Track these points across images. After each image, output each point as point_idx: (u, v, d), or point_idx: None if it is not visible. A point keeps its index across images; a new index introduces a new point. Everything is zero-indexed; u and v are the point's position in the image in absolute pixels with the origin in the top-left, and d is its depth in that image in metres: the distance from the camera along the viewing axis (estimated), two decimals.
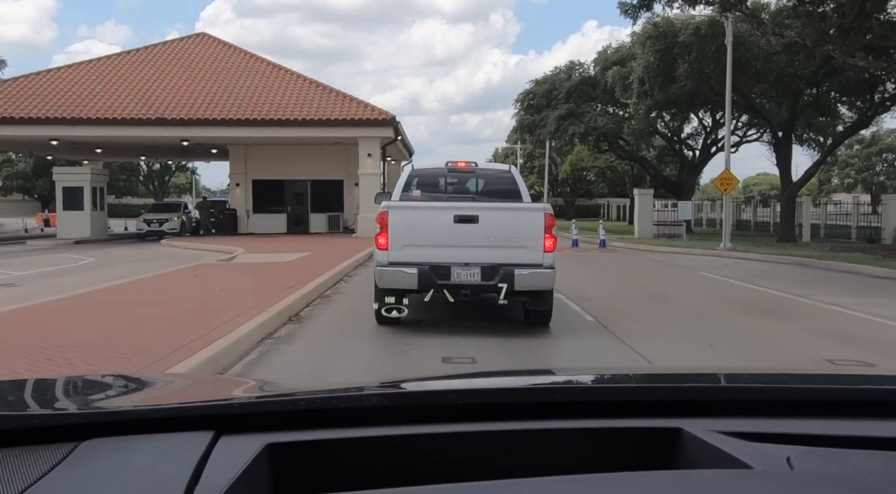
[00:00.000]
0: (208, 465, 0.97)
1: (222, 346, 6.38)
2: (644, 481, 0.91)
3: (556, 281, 8.02)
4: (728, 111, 22.82)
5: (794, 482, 0.92)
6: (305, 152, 31.03)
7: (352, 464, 1.09)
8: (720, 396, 1.31)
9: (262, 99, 28.41)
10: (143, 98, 27.89)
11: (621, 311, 9.97)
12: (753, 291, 12.63)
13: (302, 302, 9.71)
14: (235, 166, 31.74)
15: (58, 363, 5.59)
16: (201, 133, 27.46)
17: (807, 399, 1.28)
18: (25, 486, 0.92)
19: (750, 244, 24.39)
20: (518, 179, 9.15)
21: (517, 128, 46.19)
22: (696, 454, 1.07)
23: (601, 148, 41.48)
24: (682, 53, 24.75)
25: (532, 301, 8.11)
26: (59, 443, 1.04)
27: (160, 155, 36.33)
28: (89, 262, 18.75)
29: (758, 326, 9.03)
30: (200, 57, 31.77)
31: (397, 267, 7.63)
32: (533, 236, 7.66)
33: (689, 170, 40.86)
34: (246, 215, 31.47)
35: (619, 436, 1.14)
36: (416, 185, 9.04)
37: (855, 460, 0.99)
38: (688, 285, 13.68)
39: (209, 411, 1.16)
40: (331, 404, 1.18)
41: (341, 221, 31.35)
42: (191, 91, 28.76)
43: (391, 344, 7.45)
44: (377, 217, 7.85)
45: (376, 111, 27.94)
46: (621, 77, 30.09)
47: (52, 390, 1.54)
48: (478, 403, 1.21)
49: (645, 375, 1.72)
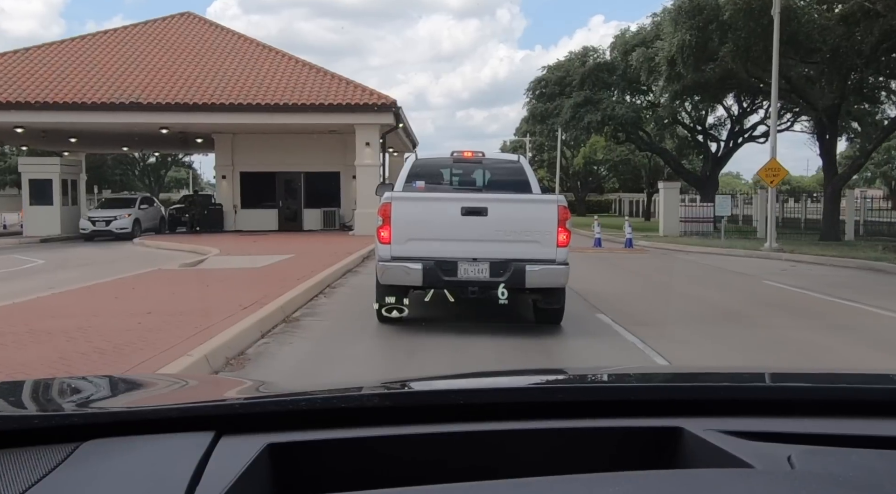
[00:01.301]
0: (209, 465, 0.97)
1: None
2: (645, 480, 0.91)
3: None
4: (774, 91, 19.91)
5: (795, 481, 0.91)
6: (298, 142, 28.28)
7: (353, 465, 1.08)
8: (721, 395, 1.28)
9: (249, 83, 25.66)
10: (117, 81, 25.17)
11: (694, 342, 7.23)
12: (852, 309, 9.83)
13: (254, 333, 6.98)
14: (221, 157, 28.95)
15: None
16: (182, 119, 24.70)
17: (808, 398, 1.27)
18: (26, 487, 0.92)
19: (793, 243, 21.53)
20: (528, 169, 8.75)
21: (528, 117, 43.25)
22: (697, 453, 1.06)
23: (619, 138, 38.49)
24: (723, 30, 21.84)
25: (544, 299, 7.67)
26: (59, 444, 1.03)
27: (143, 146, 33.58)
28: (36, 265, 16.08)
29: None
30: (184, 37, 29.03)
31: (400, 262, 7.19)
32: (546, 230, 7.23)
33: (712, 162, 37.96)
34: (233, 210, 28.69)
35: (620, 435, 1.14)
36: (420, 175, 8.52)
37: (856, 459, 0.98)
38: (758, 299, 10.88)
39: (210, 411, 1.15)
40: (332, 404, 1.17)
41: (338, 217, 28.57)
42: (171, 73, 26.03)
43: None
44: (379, 209, 7.37)
45: (375, 95, 25.16)
46: (646, 59, 27.17)
47: (52, 390, 1.51)
48: (478, 403, 1.20)
49: (645, 374, 1.71)
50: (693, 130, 39.38)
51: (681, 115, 37.77)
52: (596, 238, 22.45)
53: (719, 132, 39.48)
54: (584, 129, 34.94)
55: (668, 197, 28.60)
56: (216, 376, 4.95)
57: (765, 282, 12.98)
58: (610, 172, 65.22)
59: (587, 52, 37.47)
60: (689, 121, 38.95)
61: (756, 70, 25.95)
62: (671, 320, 8.64)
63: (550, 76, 38.55)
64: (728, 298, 10.93)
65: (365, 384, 1.30)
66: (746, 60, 22.55)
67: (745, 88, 29.13)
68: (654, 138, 40.15)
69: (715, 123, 39.71)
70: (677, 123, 38.23)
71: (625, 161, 55.77)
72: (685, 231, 28.14)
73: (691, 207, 28.72)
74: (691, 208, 28.77)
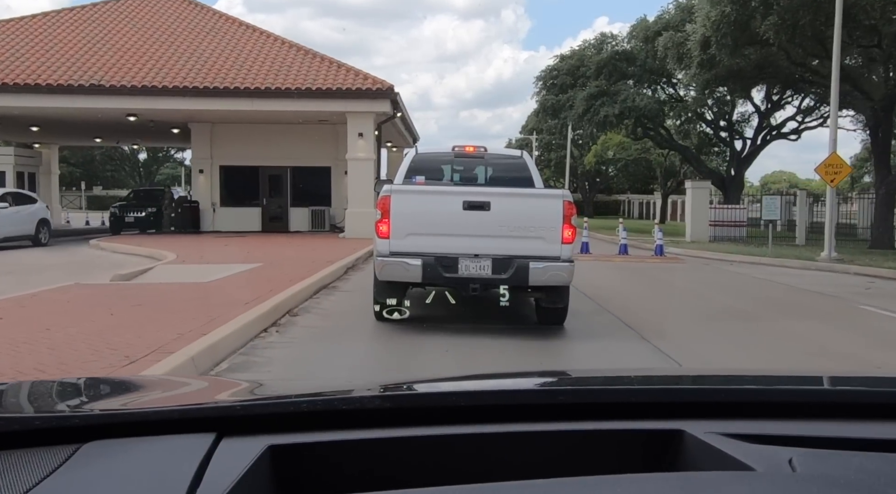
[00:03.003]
0: (210, 467, 0.96)
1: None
2: (645, 483, 0.91)
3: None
4: (835, 69, 16.74)
5: (796, 484, 0.91)
6: (285, 133, 25.33)
7: (354, 466, 1.08)
8: (722, 397, 1.26)
9: (228, 65, 22.71)
10: (77, 62, 22.22)
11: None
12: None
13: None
14: (198, 149, 25.93)
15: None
16: (150, 105, 21.70)
17: (810, 401, 1.25)
18: (27, 488, 0.91)
19: (844, 252, 18.49)
20: (531, 165, 8.69)
21: (539, 110, 40.25)
22: (698, 456, 1.06)
23: (638, 134, 35.43)
24: (767, 3, 18.86)
25: (547, 298, 7.36)
26: (60, 445, 1.02)
27: (118, 136, 30.51)
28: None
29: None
30: (158, 16, 26.08)
31: (399, 258, 6.93)
32: (550, 226, 6.95)
33: (738, 161, 34.98)
34: (211, 209, 25.70)
35: (621, 438, 1.13)
36: (420, 170, 8.40)
37: (858, 462, 0.97)
38: (886, 340, 7.93)
39: (211, 413, 1.15)
40: (333, 405, 1.17)
41: (327, 217, 25.59)
42: (141, 54, 23.09)
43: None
44: (378, 202, 7.13)
45: (370, 80, 22.19)
46: (675, 44, 24.16)
47: (53, 392, 1.48)
48: (480, 405, 1.20)
49: (646, 377, 1.68)
50: (716, 126, 36.41)
51: (704, 110, 34.85)
52: (622, 244, 19.48)
53: (742, 129, 36.56)
54: (599, 123, 31.98)
55: (696, 198, 25.60)
56: (217, 377, 4.79)
57: (862, 308, 10.01)
58: (620, 172, 62.21)
59: (604, 39, 34.46)
60: (710, 117, 36.01)
61: (799, 54, 23.00)
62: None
63: (562, 66, 35.61)
64: (844, 339, 7.85)
65: (366, 386, 1.29)
66: (793, 37, 19.51)
67: (783, 77, 26.12)
68: (674, 135, 37.19)
69: (738, 119, 36.78)
70: (701, 119, 35.23)
71: (636, 161, 52.64)
72: (714, 236, 25.20)
73: (722, 209, 25.72)
74: (722, 210, 25.77)
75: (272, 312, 7.75)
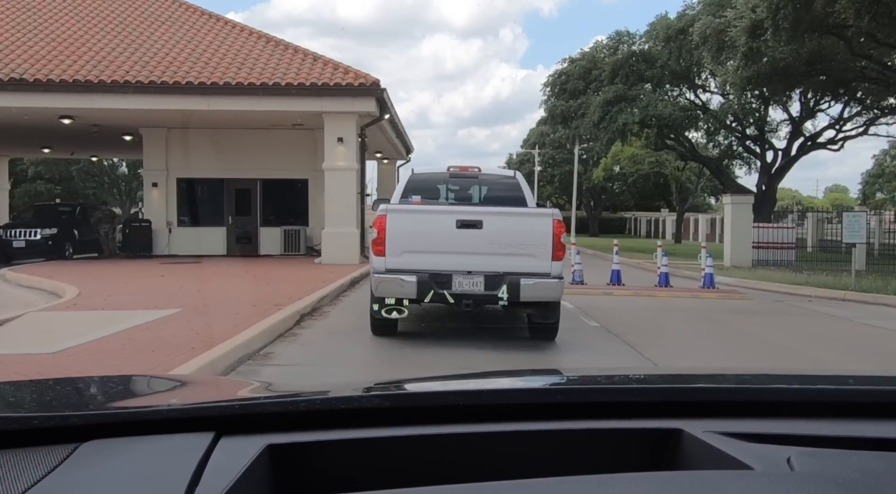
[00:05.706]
0: (209, 466, 0.96)
1: None
2: (644, 482, 0.91)
3: None
4: None
5: (794, 483, 0.90)
6: (254, 140, 21.52)
7: (353, 465, 1.07)
8: (720, 397, 1.24)
9: (182, 58, 18.92)
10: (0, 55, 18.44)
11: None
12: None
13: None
14: (151, 159, 22.01)
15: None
16: (86, 104, 17.81)
17: (807, 400, 1.24)
18: (26, 487, 0.91)
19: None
20: (523, 184, 8.87)
21: (547, 118, 36.47)
22: (697, 455, 1.05)
23: (658, 145, 31.62)
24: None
25: (538, 313, 7.68)
26: (59, 445, 1.02)
27: (67, 146, 26.54)
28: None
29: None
30: (105, 2, 22.34)
31: (395, 275, 7.18)
32: (540, 244, 7.21)
33: (769, 174, 31.19)
34: (167, 228, 21.78)
35: (619, 437, 1.13)
36: (417, 190, 8.52)
37: (856, 461, 0.97)
38: None
39: (209, 412, 1.14)
40: (331, 405, 1.17)
41: (303, 238, 21.68)
42: (78, 46, 19.31)
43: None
44: (374, 222, 7.49)
45: (351, 73, 18.39)
46: (715, 31, 20.41)
47: (52, 391, 1.47)
48: (478, 404, 1.18)
49: (645, 376, 1.67)
50: (743, 135, 32.68)
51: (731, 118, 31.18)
52: (661, 273, 15.58)
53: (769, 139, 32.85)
54: (618, 131, 28.19)
55: (737, 215, 21.75)
56: (216, 377, 4.82)
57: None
58: (627, 188, 58.43)
59: (620, 38, 30.77)
60: (737, 125, 32.31)
61: (861, 45, 19.31)
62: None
63: (573, 69, 31.88)
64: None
65: (364, 385, 1.28)
66: (873, 18, 15.76)
67: (837, 75, 22.38)
68: (697, 145, 33.47)
69: (767, 128, 33.07)
70: (728, 128, 31.50)
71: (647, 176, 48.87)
72: (758, 260, 21.36)
73: (767, 229, 21.86)
74: (767, 229, 21.91)
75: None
